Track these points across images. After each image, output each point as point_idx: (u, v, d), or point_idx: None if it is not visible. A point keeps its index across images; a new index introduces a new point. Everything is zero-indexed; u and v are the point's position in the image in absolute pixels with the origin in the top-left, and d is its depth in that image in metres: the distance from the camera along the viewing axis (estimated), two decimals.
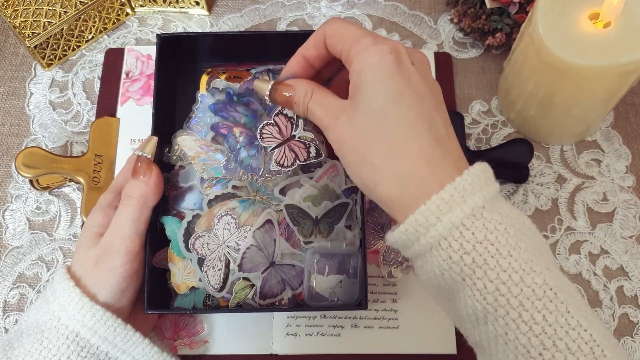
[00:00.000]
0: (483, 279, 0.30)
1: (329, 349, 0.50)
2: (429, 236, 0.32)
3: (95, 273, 0.41)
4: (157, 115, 0.46)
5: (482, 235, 0.31)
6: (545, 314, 0.30)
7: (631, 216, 0.55)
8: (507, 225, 0.31)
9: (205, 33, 0.61)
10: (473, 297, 0.31)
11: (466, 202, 0.31)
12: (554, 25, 0.46)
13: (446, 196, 0.31)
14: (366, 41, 0.34)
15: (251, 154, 0.42)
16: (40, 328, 0.40)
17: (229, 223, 0.43)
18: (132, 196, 0.42)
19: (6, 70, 0.63)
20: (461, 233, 0.31)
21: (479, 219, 0.31)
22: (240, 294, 0.44)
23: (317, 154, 0.41)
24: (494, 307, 0.30)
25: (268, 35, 0.52)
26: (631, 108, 0.59)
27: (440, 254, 0.32)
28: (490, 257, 0.30)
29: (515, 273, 0.30)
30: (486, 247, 0.31)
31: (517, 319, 0.30)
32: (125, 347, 0.41)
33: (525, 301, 0.30)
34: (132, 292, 0.43)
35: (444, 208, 0.31)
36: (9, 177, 0.58)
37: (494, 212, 0.31)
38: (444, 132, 0.34)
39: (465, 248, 0.31)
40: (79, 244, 0.43)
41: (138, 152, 0.43)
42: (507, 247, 0.31)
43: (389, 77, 0.33)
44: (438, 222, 0.31)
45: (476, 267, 0.31)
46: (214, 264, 0.43)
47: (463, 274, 0.31)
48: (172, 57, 0.50)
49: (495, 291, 0.30)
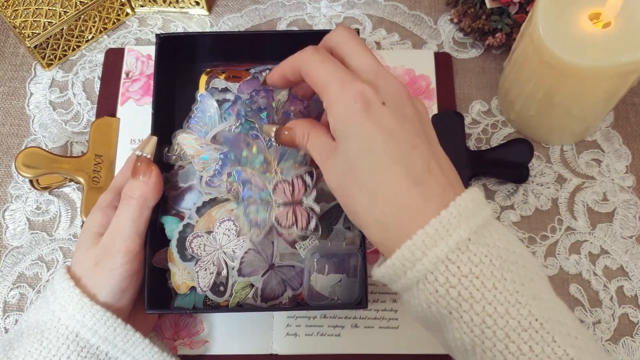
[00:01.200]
0: (469, 312, 0.31)
1: (329, 349, 0.50)
2: (415, 270, 0.32)
3: (95, 273, 0.41)
4: (157, 115, 0.46)
5: (467, 269, 0.31)
6: (532, 344, 0.30)
7: (631, 216, 0.55)
8: (492, 257, 0.31)
9: (204, 33, 0.61)
10: (460, 330, 0.31)
11: (451, 235, 0.31)
12: (554, 25, 0.46)
13: (431, 231, 0.31)
14: (333, 91, 0.34)
15: (260, 210, 0.42)
16: (40, 328, 0.40)
17: (230, 229, 0.43)
18: (132, 196, 0.42)
19: (6, 70, 0.63)
20: (447, 267, 0.31)
21: (464, 252, 0.31)
22: (240, 294, 0.44)
23: (315, 229, 0.42)
24: (481, 340, 0.31)
25: (267, 35, 0.52)
26: (631, 108, 0.59)
27: (427, 287, 0.32)
28: (476, 290, 0.31)
29: (501, 305, 0.30)
30: (471, 281, 0.31)
31: (504, 351, 0.30)
32: (125, 347, 0.41)
33: (511, 333, 0.30)
34: (132, 292, 0.43)
35: (429, 243, 0.31)
36: (9, 177, 0.58)
37: (479, 244, 0.32)
38: (424, 167, 0.33)
39: (451, 282, 0.31)
40: (78, 244, 0.43)
41: (138, 152, 0.43)
42: (492, 279, 0.31)
43: (358, 126, 0.33)
44: (424, 257, 0.31)
45: (462, 301, 0.31)
46: (207, 267, 0.43)
47: (450, 307, 0.31)
48: (172, 57, 0.50)
49: (482, 324, 0.31)
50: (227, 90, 0.47)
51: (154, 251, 0.44)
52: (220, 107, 0.46)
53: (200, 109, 0.46)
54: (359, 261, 0.44)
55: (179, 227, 0.44)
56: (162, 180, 0.43)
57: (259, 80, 0.47)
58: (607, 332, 0.51)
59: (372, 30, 0.63)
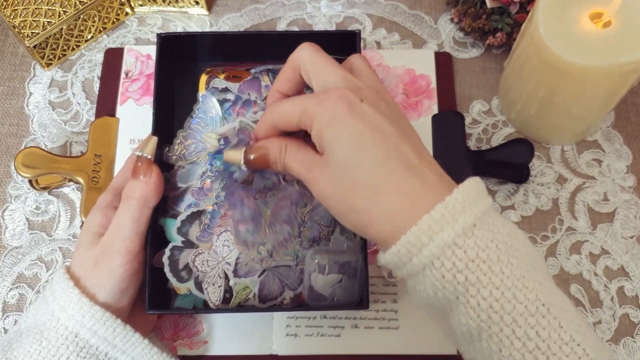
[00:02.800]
0: (476, 296, 0.31)
1: (329, 350, 0.50)
2: (421, 256, 0.32)
3: (94, 273, 0.41)
4: (157, 114, 0.45)
5: (474, 253, 0.31)
6: (539, 329, 0.30)
7: (632, 216, 0.54)
8: (498, 242, 0.31)
9: (205, 33, 0.61)
10: (467, 315, 0.31)
11: (457, 221, 0.31)
12: (554, 25, 0.46)
13: (437, 216, 0.31)
14: (311, 106, 0.35)
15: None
16: (40, 328, 0.39)
17: (228, 239, 0.43)
18: (132, 196, 0.41)
19: (5, 70, 0.63)
20: (453, 252, 0.31)
21: (470, 237, 0.31)
22: (241, 294, 0.44)
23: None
24: (487, 324, 0.31)
25: (267, 35, 0.52)
26: (632, 108, 0.59)
27: (433, 273, 0.32)
28: (483, 274, 0.31)
29: (508, 290, 0.30)
30: (478, 265, 0.31)
31: (510, 336, 0.30)
32: (125, 347, 0.41)
33: (518, 317, 0.30)
34: (131, 292, 0.43)
35: (436, 228, 0.31)
36: (8, 177, 0.58)
37: (485, 230, 0.32)
38: (416, 159, 0.34)
39: (458, 267, 0.31)
40: (78, 245, 0.43)
41: (138, 153, 0.43)
42: (498, 264, 0.31)
43: (344, 125, 0.34)
44: (430, 242, 0.31)
45: (469, 285, 0.31)
46: (214, 281, 0.43)
47: (456, 292, 0.31)
48: (172, 57, 0.50)
49: (489, 308, 0.31)
50: (228, 90, 0.47)
51: (154, 252, 0.44)
52: (220, 106, 0.46)
53: (202, 109, 0.46)
54: (360, 261, 0.44)
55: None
56: (162, 181, 0.43)
57: (260, 80, 0.47)
58: (607, 333, 0.51)
59: (372, 30, 0.63)
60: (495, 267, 0.31)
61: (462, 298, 0.31)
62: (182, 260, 0.43)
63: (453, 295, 0.32)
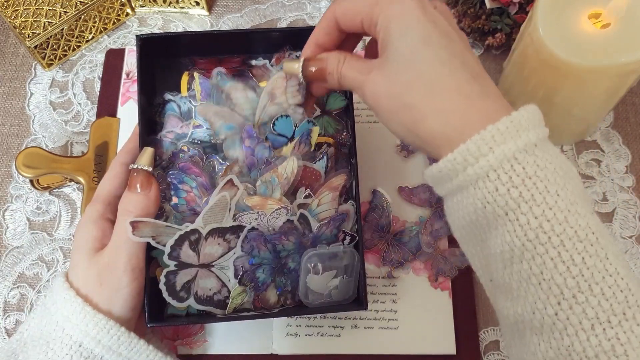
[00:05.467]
0: (527, 214, 0.30)
1: (329, 349, 0.50)
2: (477, 167, 0.31)
3: (102, 296, 0.40)
4: (142, 117, 0.44)
5: (532, 171, 0.30)
6: (585, 256, 0.29)
7: (631, 216, 0.55)
8: (556, 166, 0.31)
9: (186, 33, 0.60)
10: (513, 233, 0.31)
11: (520, 136, 0.31)
12: (554, 25, 0.46)
13: (502, 127, 0.31)
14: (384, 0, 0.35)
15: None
16: (46, 339, 0.39)
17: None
18: (132, 211, 0.40)
19: (6, 70, 0.63)
20: (512, 166, 0.31)
21: (530, 155, 0.31)
22: (237, 299, 0.43)
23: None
24: (533, 244, 0.30)
25: (250, 33, 0.50)
26: (631, 108, 0.59)
27: (486, 185, 0.31)
28: (538, 193, 0.30)
29: (560, 212, 0.30)
30: (535, 183, 0.30)
31: (555, 258, 0.30)
32: (130, 355, 0.40)
33: (566, 241, 0.30)
34: (139, 306, 0.42)
35: (499, 139, 0.31)
36: (9, 177, 0.58)
37: (545, 151, 0.31)
38: (479, 70, 0.34)
39: (514, 181, 0.30)
40: (76, 261, 0.41)
41: (134, 166, 0.41)
42: (555, 185, 0.30)
43: (416, 22, 0.33)
44: (490, 153, 0.31)
45: (522, 202, 0.30)
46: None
47: (507, 208, 0.31)
48: (153, 58, 0.49)
49: (538, 227, 0.30)
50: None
51: (149, 262, 0.42)
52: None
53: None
54: (356, 260, 0.44)
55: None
56: (159, 194, 0.41)
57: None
58: None
59: None
60: (551, 188, 0.30)
61: (511, 214, 0.30)
62: (179, 282, 0.41)
63: (502, 210, 0.31)
